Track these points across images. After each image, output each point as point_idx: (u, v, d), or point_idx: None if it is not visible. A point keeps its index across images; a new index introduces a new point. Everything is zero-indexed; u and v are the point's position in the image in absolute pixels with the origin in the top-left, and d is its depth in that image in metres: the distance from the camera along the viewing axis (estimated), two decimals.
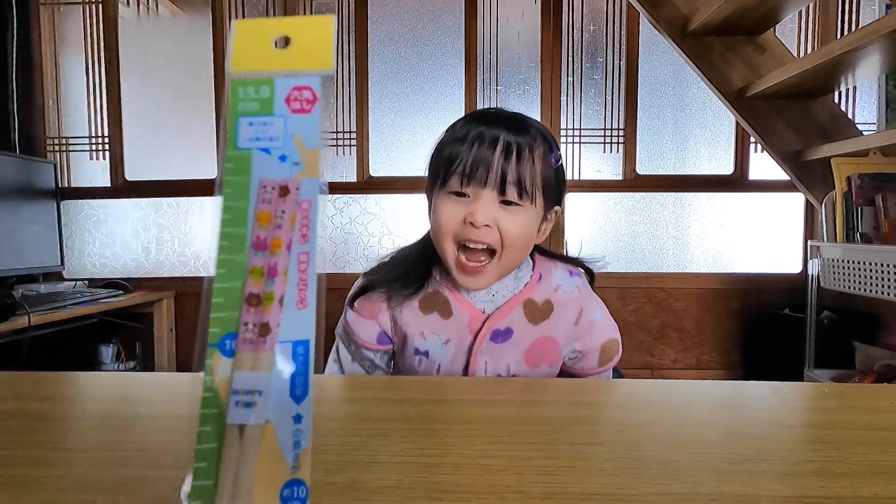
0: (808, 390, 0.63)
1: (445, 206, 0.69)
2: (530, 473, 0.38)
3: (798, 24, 2.28)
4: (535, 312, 0.74)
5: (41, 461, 0.40)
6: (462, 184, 0.67)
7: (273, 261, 0.21)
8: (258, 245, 0.21)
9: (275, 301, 0.20)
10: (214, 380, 0.20)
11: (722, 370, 2.32)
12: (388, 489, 0.35)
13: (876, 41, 1.37)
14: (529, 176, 0.67)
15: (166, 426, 0.49)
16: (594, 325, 0.77)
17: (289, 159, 0.22)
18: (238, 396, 0.20)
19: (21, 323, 1.61)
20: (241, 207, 0.22)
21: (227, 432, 0.20)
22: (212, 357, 0.20)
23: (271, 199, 0.21)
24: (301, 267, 0.21)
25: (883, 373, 1.71)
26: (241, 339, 0.20)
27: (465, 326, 0.73)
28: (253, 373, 0.20)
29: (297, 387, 0.21)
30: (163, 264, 2.46)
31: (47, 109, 2.43)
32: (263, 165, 0.22)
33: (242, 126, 0.22)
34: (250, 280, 0.21)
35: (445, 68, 2.37)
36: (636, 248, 2.37)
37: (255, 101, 0.23)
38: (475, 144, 0.66)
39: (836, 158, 1.69)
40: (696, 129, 2.35)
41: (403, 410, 0.53)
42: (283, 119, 0.22)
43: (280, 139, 0.22)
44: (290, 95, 0.23)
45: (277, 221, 0.21)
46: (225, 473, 0.19)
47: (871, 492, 0.35)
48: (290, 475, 0.20)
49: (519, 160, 0.66)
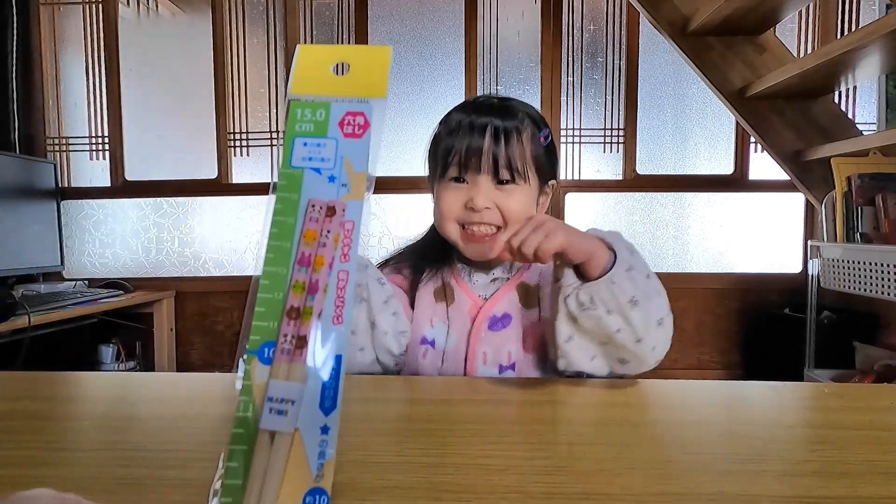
0: (808, 390, 0.63)
1: (446, 193, 0.74)
2: (530, 473, 0.38)
3: (798, 24, 2.28)
4: (528, 296, 0.76)
5: (41, 461, 0.40)
6: (460, 171, 0.72)
7: (315, 277, 0.22)
8: (302, 261, 0.22)
9: (313, 316, 0.22)
10: (252, 385, 0.21)
11: (722, 370, 2.32)
12: (388, 489, 0.35)
13: (876, 41, 1.37)
14: (520, 157, 0.72)
15: (166, 426, 0.49)
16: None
17: (337, 180, 0.23)
18: (272, 404, 0.21)
19: (21, 323, 1.61)
20: (289, 223, 0.23)
21: (258, 437, 0.21)
22: (250, 363, 0.21)
23: (318, 219, 0.23)
24: (340, 284, 0.23)
25: (883, 373, 1.71)
26: (279, 350, 0.21)
27: (465, 313, 0.75)
28: (287, 383, 0.21)
29: (327, 399, 0.21)
30: (163, 264, 2.46)
31: (47, 109, 2.43)
32: (313, 184, 0.23)
33: (297, 146, 0.24)
34: (292, 294, 0.22)
35: (445, 68, 2.37)
36: None
37: (311, 123, 0.24)
38: (467, 134, 0.71)
39: (836, 158, 1.69)
40: (696, 129, 2.35)
41: (404, 410, 0.53)
42: (335, 141, 0.24)
43: (331, 160, 0.24)
44: (344, 119, 0.24)
45: (322, 240, 0.23)
46: (254, 476, 0.20)
47: (871, 492, 0.35)
48: (314, 483, 0.21)
49: (507, 143, 0.71)
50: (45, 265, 2.13)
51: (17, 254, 1.99)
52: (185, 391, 0.61)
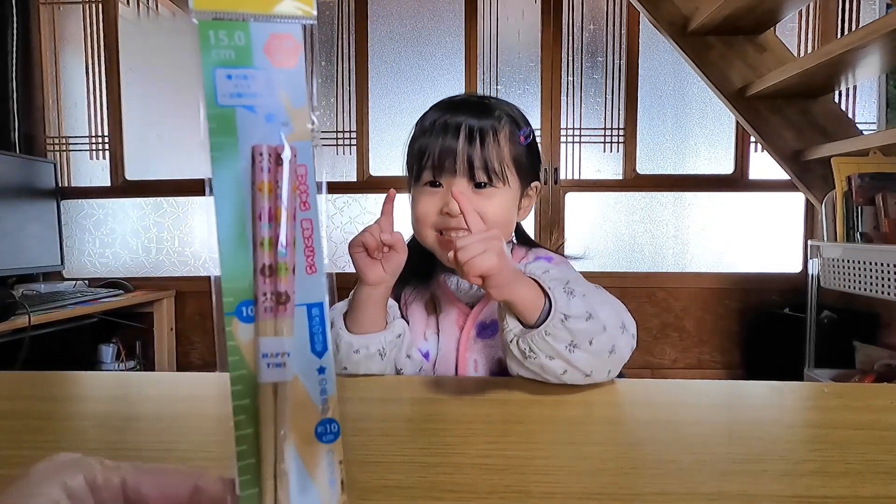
0: (808, 390, 0.63)
1: (422, 198, 0.71)
2: (530, 473, 0.38)
3: (798, 24, 2.28)
4: None
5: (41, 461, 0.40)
6: (434, 175, 0.69)
7: (280, 232, 0.21)
8: (263, 216, 0.21)
9: (289, 271, 0.21)
10: (238, 345, 0.21)
11: (722, 370, 2.32)
12: (388, 489, 0.35)
13: (876, 41, 1.37)
14: (496, 158, 0.68)
15: (166, 426, 0.49)
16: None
17: (276, 119, 0.21)
18: (268, 359, 0.21)
19: (21, 323, 1.61)
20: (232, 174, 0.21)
21: (261, 391, 0.21)
22: (231, 324, 0.21)
23: (269, 168, 0.21)
24: (305, 234, 0.22)
25: (883, 373, 1.71)
26: (261, 309, 0.21)
27: (453, 322, 0.73)
28: (277, 338, 0.21)
29: (318, 343, 0.22)
30: (163, 264, 2.46)
31: (47, 109, 2.43)
32: (249, 126, 0.21)
33: (220, 79, 0.21)
34: (261, 251, 0.21)
35: (445, 68, 2.37)
36: (636, 248, 2.37)
37: (230, 49, 0.21)
38: (441, 135, 0.68)
39: (836, 158, 1.69)
40: (696, 129, 2.35)
41: (403, 410, 0.53)
42: (264, 72, 0.21)
43: (264, 96, 0.21)
44: (269, 44, 0.21)
45: (278, 192, 0.21)
46: (265, 423, 0.21)
47: (871, 491, 0.35)
48: (321, 416, 0.22)
49: (483, 144, 0.67)
50: (45, 265, 2.13)
51: (17, 254, 1.99)
52: (185, 391, 0.61)
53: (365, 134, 2.38)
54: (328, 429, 0.22)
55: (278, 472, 0.21)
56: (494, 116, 0.70)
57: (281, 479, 0.21)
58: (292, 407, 0.21)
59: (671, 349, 2.31)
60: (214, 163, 0.21)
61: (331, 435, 0.22)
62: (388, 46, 2.37)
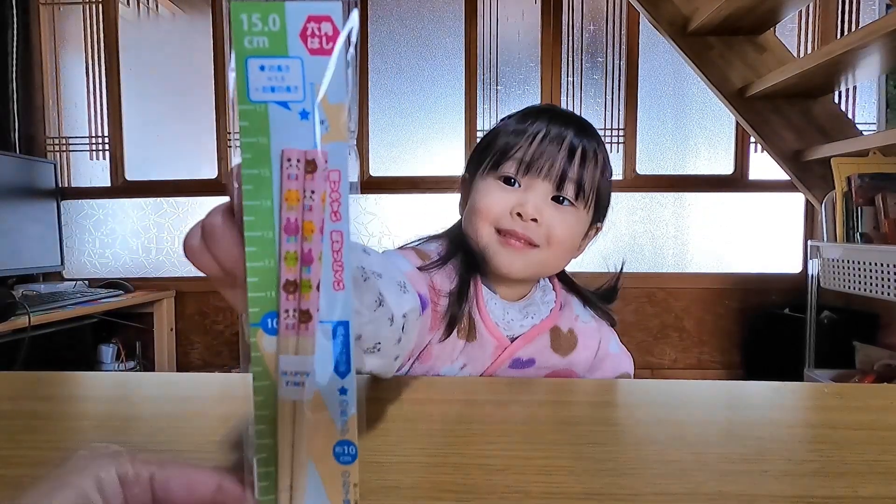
0: (808, 390, 0.63)
1: (491, 190, 0.64)
2: (530, 473, 0.38)
3: (798, 24, 2.28)
4: (561, 342, 0.70)
5: (41, 461, 0.40)
6: (518, 171, 0.63)
7: (307, 247, 0.20)
8: (289, 229, 0.19)
9: (312, 288, 0.20)
10: (262, 356, 0.20)
11: (722, 370, 2.32)
12: (388, 489, 0.35)
13: (876, 41, 1.37)
14: (589, 179, 0.64)
15: (166, 426, 0.49)
16: (610, 357, 0.74)
17: (312, 117, 0.19)
18: (287, 377, 0.20)
19: (21, 323, 1.61)
20: (264, 177, 0.19)
21: (280, 406, 0.20)
22: (255, 335, 0.20)
23: (298, 176, 0.19)
24: (335, 247, 0.20)
25: (883, 373, 1.71)
26: (283, 325, 0.20)
27: (488, 354, 0.66)
28: (298, 357, 0.20)
29: (341, 364, 0.21)
30: (163, 264, 2.46)
31: (47, 109, 2.43)
32: (283, 125, 0.19)
33: (253, 70, 0.19)
34: (285, 266, 0.20)
35: (445, 68, 2.37)
36: (636, 248, 2.37)
37: (264, 36, 0.19)
38: (538, 137, 0.63)
39: (836, 158, 1.69)
40: (696, 129, 2.35)
41: (403, 410, 0.53)
42: (300, 62, 0.19)
43: (299, 89, 0.19)
44: (306, 28, 0.19)
45: (308, 202, 0.19)
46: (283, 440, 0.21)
47: (871, 491, 0.35)
48: (340, 437, 0.22)
49: (583, 162, 0.64)
50: (45, 265, 2.13)
51: (17, 254, 1.99)
52: (185, 391, 0.61)
53: (365, 134, 2.38)
54: (346, 450, 0.22)
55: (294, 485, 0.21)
56: (597, 140, 0.66)
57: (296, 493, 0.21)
58: (312, 423, 0.21)
59: (671, 349, 2.31)
60: (246, 165, 0.19)
61: (348, 457, 0.22)
62: (388, 46, 2.37)
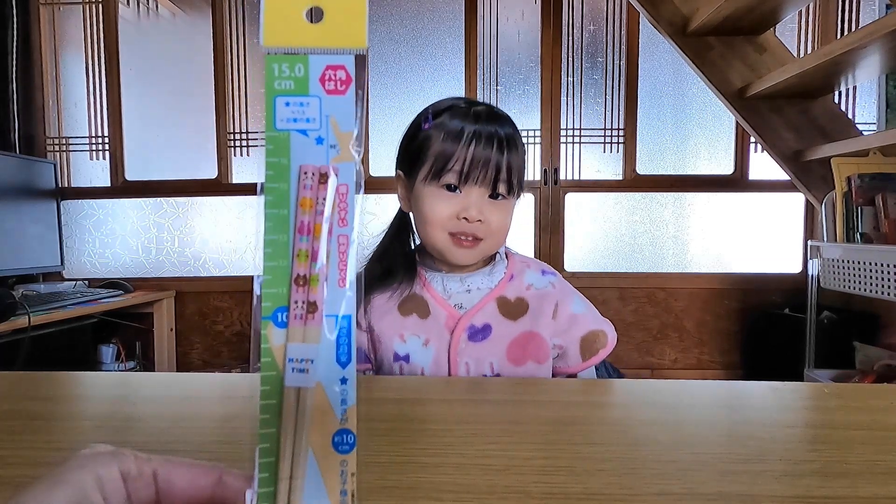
0: (808, 390, 0.63)
1: (438, 199, 0.71)
2: (530, 473, 0.38)
3: (798, 24, 2.28)
4: (509, 308, 0.75)
5: (41, 461, 0.40)
6: (459, 180, 0.70)
7: (317, 245, 0.23)
8: (302, 230, 0.23)
9: (320, 282, 0.23)
10: (271, 347, 0.23)
11: (722, 370, 2.32)
12: (388, 489, 0.35)
13: (876, 41, 1.37)
14: (515, 169, 0.71)
15: (166, 426, 0.49)
16: (573, 319, 0.76)
17: (325, 142, 0.23)
18: (293, 364, 0.23)
19: (21, 323, 1.61)
20: (283, 189, 0.23)
21: (285, 394, 0.23)
22: (266, 328, 0.23)
23: (312, 186, 0.23)
24: (341, 249, 0.23)
25: (883, 373, 1.71)
26: (292, 315, 0.23)
27: (442, 325, 0.73)
28: (304, 345, 0.23)
29: (342, 354, 0.23)
30: (163, 264, 2.46)
31: (47, 109, 2.43)
32: (301, 148, 0.23)
33: (279, 106, 0.23)
34: (297, 262, 0.23)
35: (445, 68, 2.37)
36: (636, 248, 2.37)
37: (290, 80, 0.23)
38: (472, 144, 0.69)
39: (836, 158, 1.69)
40: (696, 129, 2.35)
41: (403, 410, 0.53)
42: (318, 100, 0.23)
43: (316, 120, 0.23)
44: (324, 74, 0.23)
45: (319, 208, 0.23)
46: (286, 425, 0.22)
47: (871, 492, 0.35)
48: (340, 426, 0.24)
49: (508, 153, 0.70)
50: (45, 265, 2.13)
51: (17, 254, 1.99)
52: (185, 391, 0.61)
53: (365, 134, 2.38)
54: (344, 439, 0.24)
55: (294, 475, 0.22)
56: (511, 125, 0.73)
57: (295, 482, 0.22)
58: (313, 412, 0.23)
59: (671, 349, 2.31)
60: (268, 180, 0.23)
61: (346, 446, 0.24)
62: (388, 47, 2.37)
